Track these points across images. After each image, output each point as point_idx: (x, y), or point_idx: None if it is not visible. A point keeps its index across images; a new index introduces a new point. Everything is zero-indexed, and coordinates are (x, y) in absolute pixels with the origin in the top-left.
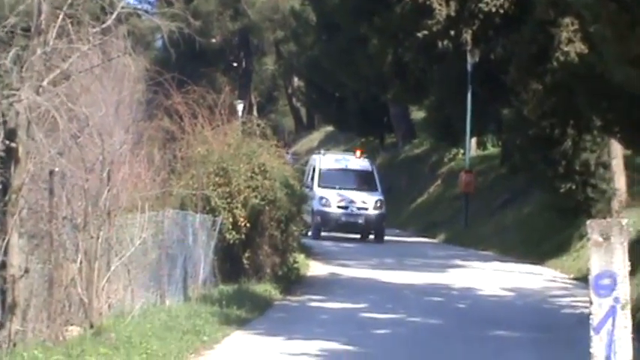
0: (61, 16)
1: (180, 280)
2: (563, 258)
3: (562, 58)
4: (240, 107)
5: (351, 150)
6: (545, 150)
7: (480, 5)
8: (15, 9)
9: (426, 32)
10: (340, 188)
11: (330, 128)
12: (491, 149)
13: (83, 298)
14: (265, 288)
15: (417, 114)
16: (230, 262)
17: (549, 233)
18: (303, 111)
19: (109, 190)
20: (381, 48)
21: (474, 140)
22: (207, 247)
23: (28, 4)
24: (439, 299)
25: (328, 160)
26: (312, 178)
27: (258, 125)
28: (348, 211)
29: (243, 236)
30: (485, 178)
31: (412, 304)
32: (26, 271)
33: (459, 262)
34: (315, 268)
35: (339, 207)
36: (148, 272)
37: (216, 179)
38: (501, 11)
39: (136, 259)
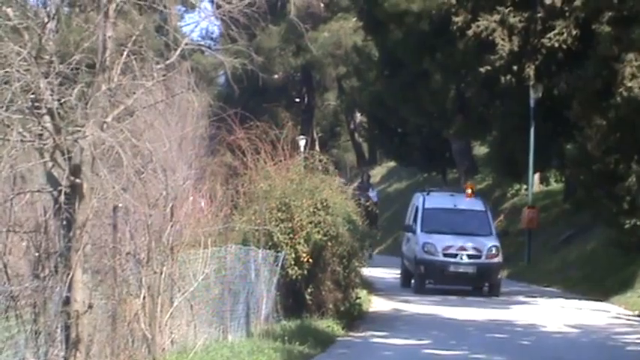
0: (125, 53)
1: (242, 315)
2: (627, 294)
3: (625, 94)
4: (302, 142)
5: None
6: (610, 185)
7: (543, 40)
8: (80, 46)
9: (488, 67)
10: (448, 232)
11: (392, 163)
12: (555, 185)
13: (146, 333)
14: (328, 324)
15: (480, 149)
16: (292, 297)
17: (613, 269)
18: (365, 146)
19: (172, 226)
20: (443, 83)
21: (537, 176)
22: (269, 283)
23: (92, 41)
24: (503, 336)
25: (434, 200)
26: (415, 221)
27: (321, 160)
28: (458, 259)
29: (305, 272)
30: (549, 214)
31: (475, 340)
32: (90, 306)
33: (522, 298)
34: (377, 304)
35: (446, 255)
36: (210, 308)
37: (279, 215)
38: (564, 47)
39: (198, 295)
